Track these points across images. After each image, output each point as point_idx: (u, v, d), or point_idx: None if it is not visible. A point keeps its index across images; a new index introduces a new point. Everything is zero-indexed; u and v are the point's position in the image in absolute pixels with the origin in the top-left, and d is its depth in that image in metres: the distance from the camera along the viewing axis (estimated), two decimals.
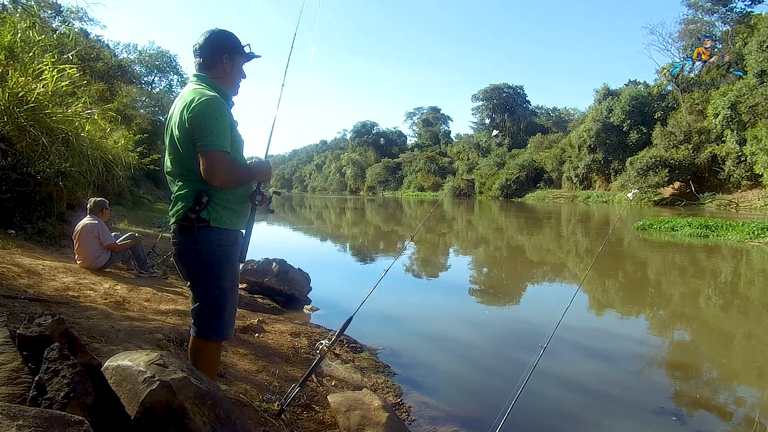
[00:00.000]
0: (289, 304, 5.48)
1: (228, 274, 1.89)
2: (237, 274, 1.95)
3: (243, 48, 1.97)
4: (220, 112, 1.77)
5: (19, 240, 5.78)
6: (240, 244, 1.96)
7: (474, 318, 5.69)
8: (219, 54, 1.91)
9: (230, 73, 1.94)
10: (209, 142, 1.72)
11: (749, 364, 4.26)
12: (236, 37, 1.97)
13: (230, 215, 1.88)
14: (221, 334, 1.93)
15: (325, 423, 2.50)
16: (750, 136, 24.51)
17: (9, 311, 2.69)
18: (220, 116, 1.76)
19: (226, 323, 1.92)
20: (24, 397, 1.18)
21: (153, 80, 32.85)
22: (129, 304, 3.93)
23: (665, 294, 7.13)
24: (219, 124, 1.75)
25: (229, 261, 1.89)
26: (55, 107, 7.07)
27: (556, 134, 50.92)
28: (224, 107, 1.81)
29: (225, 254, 1.87)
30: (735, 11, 32.28)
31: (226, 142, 1.76)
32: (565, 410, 3.25)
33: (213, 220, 1.83)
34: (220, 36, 1.94)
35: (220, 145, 1.74)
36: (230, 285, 1.90)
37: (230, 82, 1.96)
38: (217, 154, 1.74)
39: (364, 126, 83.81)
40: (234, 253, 1.91)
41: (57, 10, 21.39)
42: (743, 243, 11.24)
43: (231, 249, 1.89)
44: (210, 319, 1.89)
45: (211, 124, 1.74)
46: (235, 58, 1.95)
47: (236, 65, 1.96)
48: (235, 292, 1.95)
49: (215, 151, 1.73)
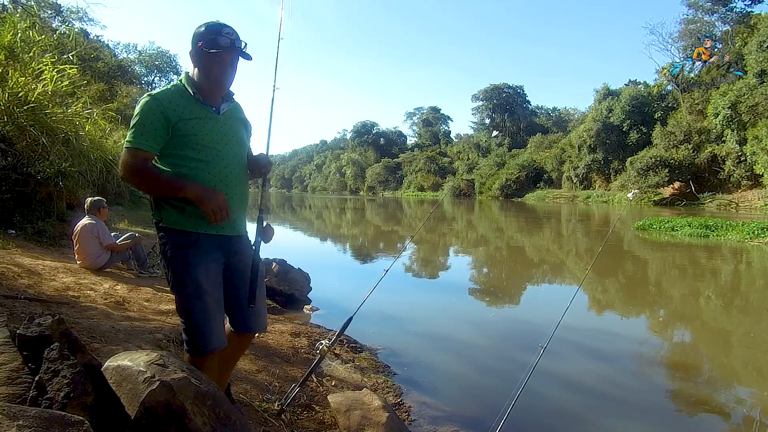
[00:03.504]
0: (289, 304, 5.48)
1: (188, 280, 1.73)
2: (203, 281, 1.75)
3: (210, 39, 1.76)
4: (141, 109, 1.72)
5: (19, 240, 5.78)
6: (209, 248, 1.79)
7: (474, 318, 5.69)
8: (192, 48, 1.83)
9: (200, 68, 1.81)
10: (127, 138, 1.72)
11: (748, 364, 4.26)
12: (209, 25, 1.80)
13: (180, 214, 1.76)
14: (193, 346, 1.77)
15: (325, 423, 2.50)
16: (750, 136, 24.52)
17: (9, 311, 2.69)
18: (141, 113, 1.71)
19: (197, 334, 1.76)
20: (24, 397, 1.18)
21: (153, 80, 32.88)
22: (129, 304, 3.93)
23: (665, 294, 7.13)
24: (137, 121, 1.71)
25: (186, 265, 1.73)
26: (55, 107, 7.07)
27: (556, 134, 50.89)
28: (151, 104, 1.72)
29: (181, 257, 1.74)
30: (735, 11, 32.29)
31: (139, 138, 1.70)
32: (565, 410, 3.25)
33: (164, 219, 1.77)
34: (196, 29, 1.81)
35: (129, 141, 1.71)
36: (193, 292, 1.73)
37: (202, 77, 1.81)
38: (125, 150, 1.72)
39: (364, 126, 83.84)
40: (195, 256, 1.75)
41: (57, 10, 21.43)
42: (743, 243, 11.24)
43: (189, 251, 1.74)
44: (186, 328, 1.79)
45: (133, 120, 1.72)
46: (199, 49, 1.78)
47: (203, 59, 1.79)
48: (202, 301, 1.74)
49: (125, 147, 1.72)
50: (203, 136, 1.78)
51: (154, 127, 1.71)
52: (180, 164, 1.77)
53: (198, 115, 1.79)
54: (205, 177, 1.78)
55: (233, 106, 1.92)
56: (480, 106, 63.64)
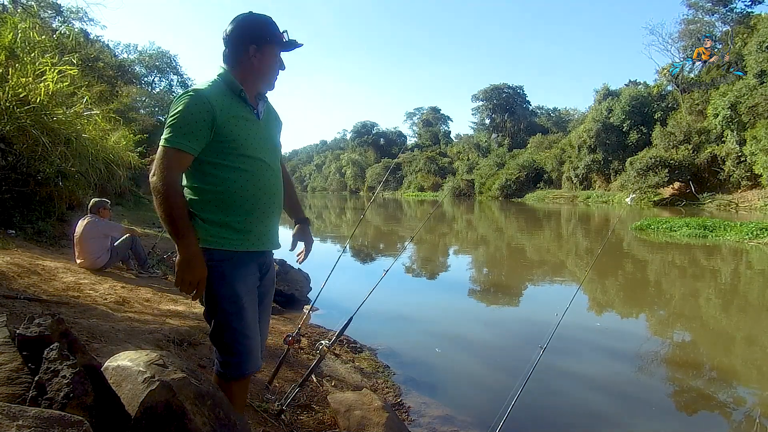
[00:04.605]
0: (289, 304, 5.48)
1: (228, 296, 1.57)
2: (245, 296, 1.60)
3: (277, 35, 1.63)
4: (185, 104, 1.50)
5: (19, 240, 5.78)
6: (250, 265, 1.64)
7: (474, 318, 5.69)
8: (243, 44, 1.61)
9: (258, 67, 1.63)
10: (165, 136, 1.49)
11: (748, 364, 4.26)
12: (269, 21, 1.64)
13: (223, 230, 1.58)
14: (232, 369, 1.60)
15: (325, 423, 2.51)
16: (750, 137, 24.51)
17: (9, 311, 2.69)
18: (185, 108, 1.49)
19: (239, 356, 1.59)
20: (24, 397, 1.18)
21: (153, 80, 32.91)
22: (129, 304, 3.94)
23: (664, 294, 7.13)
24: (178, 117, 1.48)
25: (226, 280, 1.57)
26: (55, 108, 7.07)
27: (556, 134, 50.88)
28: (197, 99, 1.51)
29: (218, 272, 1.57)
30: (735, 11, 32.28)
31: (180, 137, 1.48)
32: (565, 410, 3.25)
33: (202, 239, 1.55)
34: (246, 22, 1.62)
35: (167, 139, 1.48)
36: (235, 309, 1.57)
37: (256, 77, 1.65)
38: (162, 150, 1.49)
39: (364, 126, 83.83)
40: (234, 268, 1.59)
41: (57, 10, 21.44)
42: (742, 243, 11.24)
43: (226, 265, 1.58)
44: (219, 352, 1.61)
45: (172, 116, 1.49)
46: (264, 48, 1.62)
47: (267, 57, 1.63)
48: (243, 318, 1.59)
49: (162, 146, 1.49)
50: (246, 141, 1.60)
51: (198, 125, 1.50)
52: (218, 174, 1.58)
53: (245, 115, 1.62)
54: (247, 189, 1.60)
55: (267, 105, 1.75)
56: (480, 106, 63.62)
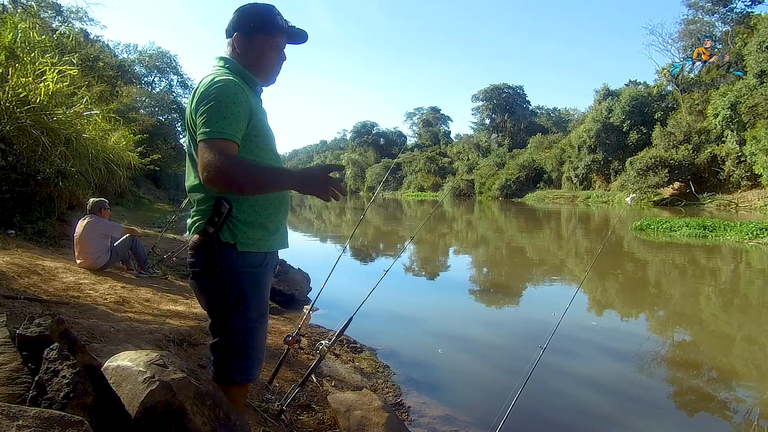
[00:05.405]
0: (289, 304, 5.48)
1: (255, 302, 1.52)
2: (266, 301, 1.58)
3: (272, 24, 1.55)
4: (223, 91, 1.38)
5: (19, 240, 5.79)
6: (272, 263, 1.61)
7: (474, 318, 5.69)
8: (249, 34, 1.54)
9: (250, 54, 1.54)
10: (207, 129, 1.34)
11: (748, 363, 4.26)
12: (268, 9, 1.55)
13: (260, 233, 1.51)
14: (247, 374, 1.57)
15: (325, 423, 2.51)
16: (750, 137, 24.51)
17: (9, 311, 2.69)
18: (224, 96, 1.37)
19: (253, 361, 1.57)
20: (24, 397, 1.18)
21: (153, 80, 32.93)
22: (129, 304, 3.94)
23: (664, 294, 7.14)
24: (218, 107, 1.36)
25: (256, 286, 1.52)
26: (55, 108, 7.07)
27: (556, 134, 50.90)
28: (237, 90, 1.41)
29: (251, 277, 1.50)
30: (735, 11, 32.30)
31: (226, 127, 1.35)
32: (565, 410, 3.25)
33: (239, 243, 1.46)
34: (243, 11, 1.55)
35: (212, 131, 1.33)
36: (258, 315, 1.54)
37: (260, 69, 1.57)
38: (208, 144, 1.33)
39: (364, 126, 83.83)
40: (263, 275, 1.55)
41: (57, 10, 21.44)
42: (742, 243, 11.24)
43: (258, 270, 1.52)
44: (233, 357, 1.55)
45: (209, 108, 1.36)
46: (254, 36, 1.53)
47: (256, 45, 1.54)
48: (263, 323, 1.57)
49: (213, 140, 1.33)
50: (268, 136, 1.54)
51: (240, 115, 1.39)
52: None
53: (262, 108, 1.56)
54: None
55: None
56: (480, 106, 63.62)
